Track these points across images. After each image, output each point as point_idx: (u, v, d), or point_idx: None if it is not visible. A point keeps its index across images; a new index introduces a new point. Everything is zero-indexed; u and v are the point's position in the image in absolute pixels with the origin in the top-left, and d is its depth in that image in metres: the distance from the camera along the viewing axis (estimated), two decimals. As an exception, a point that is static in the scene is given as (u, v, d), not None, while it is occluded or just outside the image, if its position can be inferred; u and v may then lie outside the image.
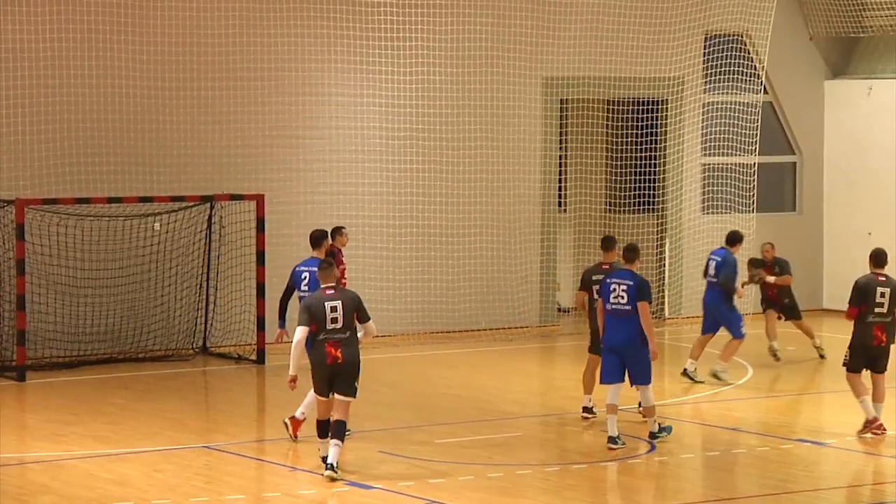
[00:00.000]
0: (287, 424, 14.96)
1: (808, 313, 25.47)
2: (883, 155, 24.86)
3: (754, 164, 24.74)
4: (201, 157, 21.17)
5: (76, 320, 20.20)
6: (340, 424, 13.54)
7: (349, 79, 22.13)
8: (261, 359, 20.22)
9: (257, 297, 20.53)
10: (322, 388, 13.64)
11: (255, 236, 20.62)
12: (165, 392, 18.21)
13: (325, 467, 13.45)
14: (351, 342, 13.59)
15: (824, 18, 25.40)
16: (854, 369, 15.29)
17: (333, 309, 13.46)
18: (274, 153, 21.70)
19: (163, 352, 20.58)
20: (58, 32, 20.08)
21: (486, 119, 23.04)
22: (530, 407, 17.54)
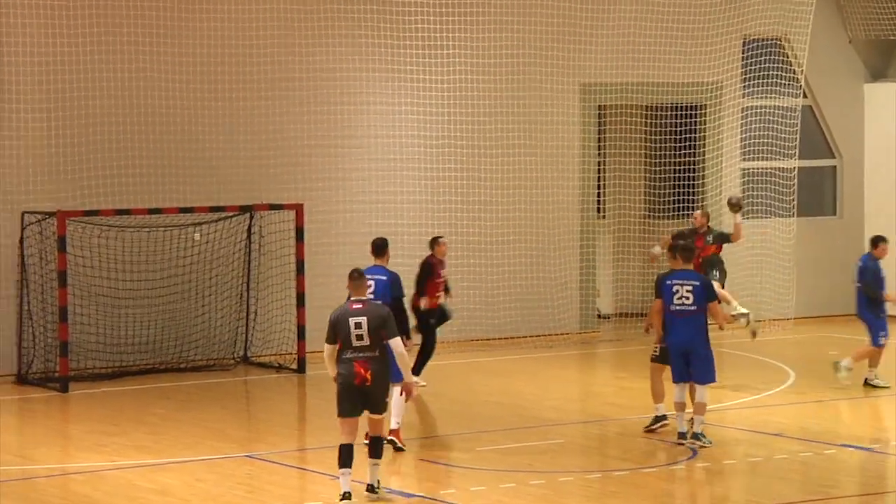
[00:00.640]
0: (393, 441, 14.75)
1: (849, 318, 25.37)
2: (924, 158, 24.75)
3: (794, 168, 24.63)
4: (240, 167, 21.24)
5: (118, 331, 20.29)
6: (378, 442, 13.04)
7: (387, 87, 22.17)
8: (301, 368, 20.26)
9: (297, 306, 20.58)
10: (347, 409, 12.79)
11: (295, 246, 20.67)
12: (207, 402, 18.26)
13: (367, 489, 12.92)
14: (380, 361, 12.78)
15: (863, 21, 25.28)
16: None
17: (358, 325, 12.64)
18: (312, 162, 21.75)
19: (204, 362, 20.65)
20: (97, 45, 20.20)
21: (523, 126, 23.03)
22: (571, 414, 17.51)
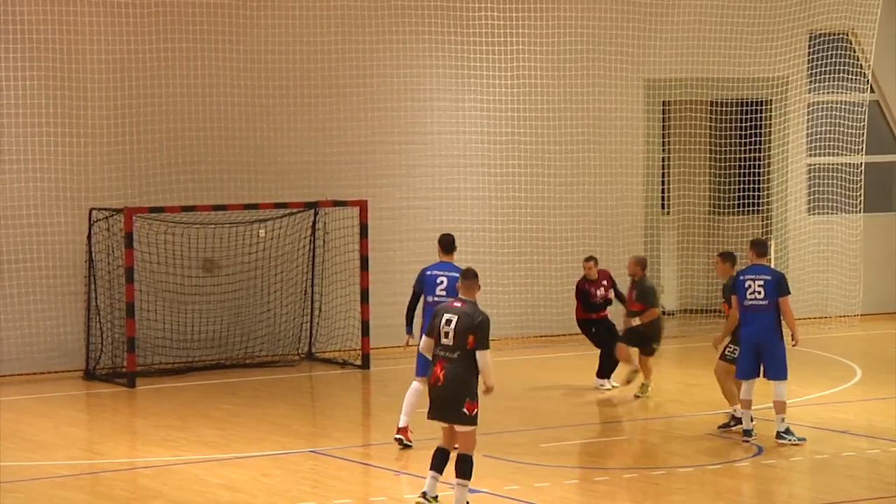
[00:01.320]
0: (401, 440, 14.87)
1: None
2: None
3: (861, 163, 24.44)
4: (305, 163, 21.33)
5: (184, 327, 20.44)
6: (464, 460, 12.10)
7: (450, 84, 22.19)
8: (366, 364, 20.33)
9: (361, 302, 20.64)
10: (429, 411, 12.30)
11: (359, 242, 20.73)
12: (272, 397, 18.36)
13: (420, 494, 12.38)
14: (459, 364, 11.99)
15: (931, 15, 25.04)
16: None
17: (448, 322, 12.12)
18: (376, 159, 21.81)
19: (269, 357, 20.77)
20: (162, 42, 20.35)
21: (588, 122, 22.99)
22: (635, 410, 17.46)
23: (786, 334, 15.14)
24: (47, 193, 19.87)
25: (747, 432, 15.13)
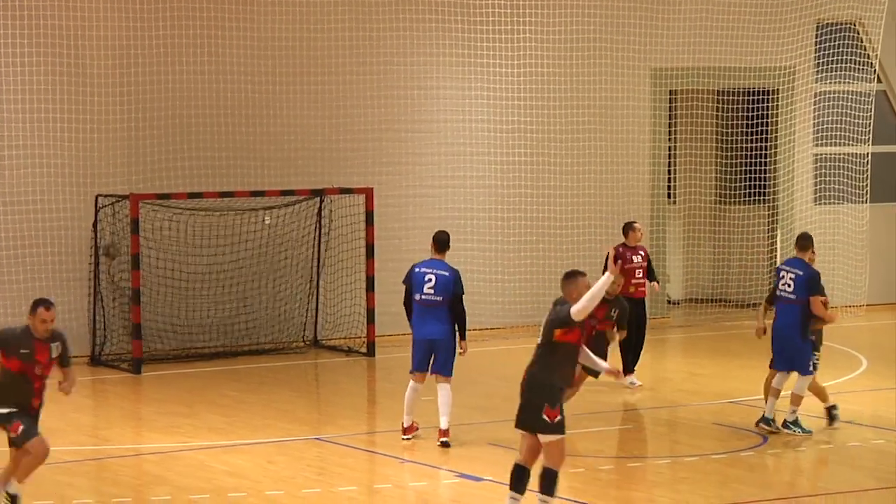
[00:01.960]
0: (446, 442, 14.45)
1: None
2: None
3: (867, 153, 24.41)
4: (311, 151, 21.33)
5: (189, 314, 20.45)
6: (547, 475, 11.07)
7: (457, 72, 22.17)
8: (371, 351, 20.34)
9: (367, 290, 20.64)
10: (516, 417, 11.20)
11: (365, 230, 20.73)
12: (277, 384, 18.37)
13: None
14: (540, 361, 11.03)
15: (939, 5, 24.98)
16: None
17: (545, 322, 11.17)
18: (383, 147, 21.80)
19: (274, 345, 20.78)
20: (170, 28, 20.33)
21: (594, 111, 22.96)
22: (640, 399, 17.46)
23: (828, 328, 15.20)
24: (53, 179, 19.88)
25: (766, 420, 15.06)
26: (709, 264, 24.68)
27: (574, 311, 10.81)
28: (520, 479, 11.13)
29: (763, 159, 24.35)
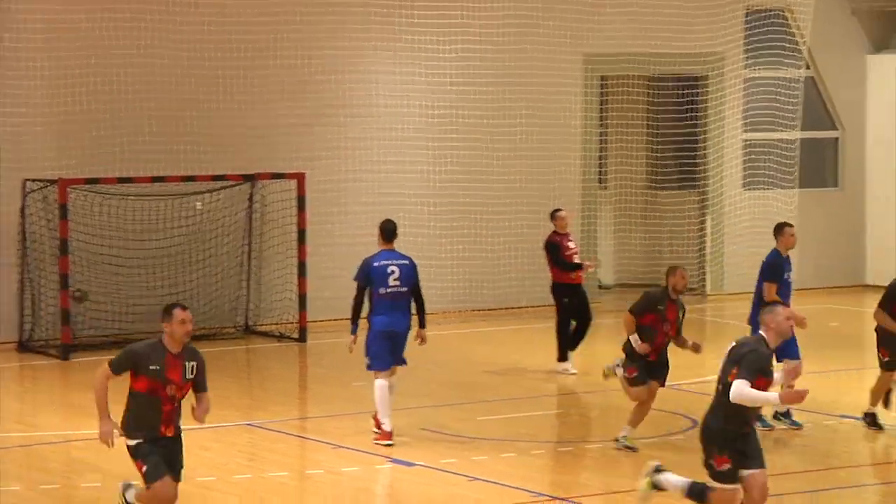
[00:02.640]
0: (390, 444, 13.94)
1: (851, 289, 25.40)
2: (926, 130, 24.70)
3: (796, 139, 24.62)
4: (243, 136, 21.23)
5: (120, 300, 20.31)
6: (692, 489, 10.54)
7: (390, 57, 22.14)
8: (303, 337, 20.30)
9: (299, 275, 20.60)
10: None
11: (297, 215, 20.67)
12: (209, 370, 18.21)
13: None
14: (715, 404, 10.20)
15: (866, -8, 25.23)
16: None
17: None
18: (315, 132, 21.74)
19: (206, 330, 20.67)
20: (100, 12, 20.16)
21: (526, 96, 23.00)
22: (572, 384, 17.54)
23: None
24: (-19, 164, 19.68)
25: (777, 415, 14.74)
26: (640, 249, 24.82)
27: (734, 394, 9.87)
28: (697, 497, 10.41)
29: (693, 145, 24.50)
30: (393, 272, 13.99)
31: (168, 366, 9.91)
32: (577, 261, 17.93)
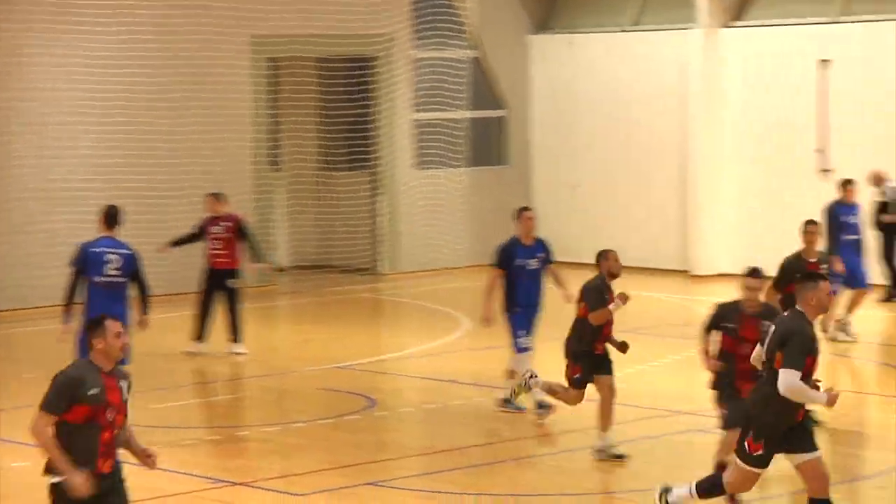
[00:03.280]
0: None
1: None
2: (587, 108, 25.46)
3: (465, 119, 25.07)
4: None
5: None
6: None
7: (55, 39, 21.54)
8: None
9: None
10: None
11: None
12: None
13: None
14: (764, 384, 9.67)
15: (527, -26, 25.85)
16: None
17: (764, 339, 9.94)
18: (-25, 118, 21.00)
19: None
20: None
21: (194, 79, 22.71)
22: (250, 367, 17.45)
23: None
24: None
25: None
26: (314, 231, 24.88)
27: (783, 387, 9.42)
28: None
29: (365, 126, 24.67)
30: (110, 261, 13.75)
31: (106, 387, 8.18)
32: (218, 247, 17.65)
